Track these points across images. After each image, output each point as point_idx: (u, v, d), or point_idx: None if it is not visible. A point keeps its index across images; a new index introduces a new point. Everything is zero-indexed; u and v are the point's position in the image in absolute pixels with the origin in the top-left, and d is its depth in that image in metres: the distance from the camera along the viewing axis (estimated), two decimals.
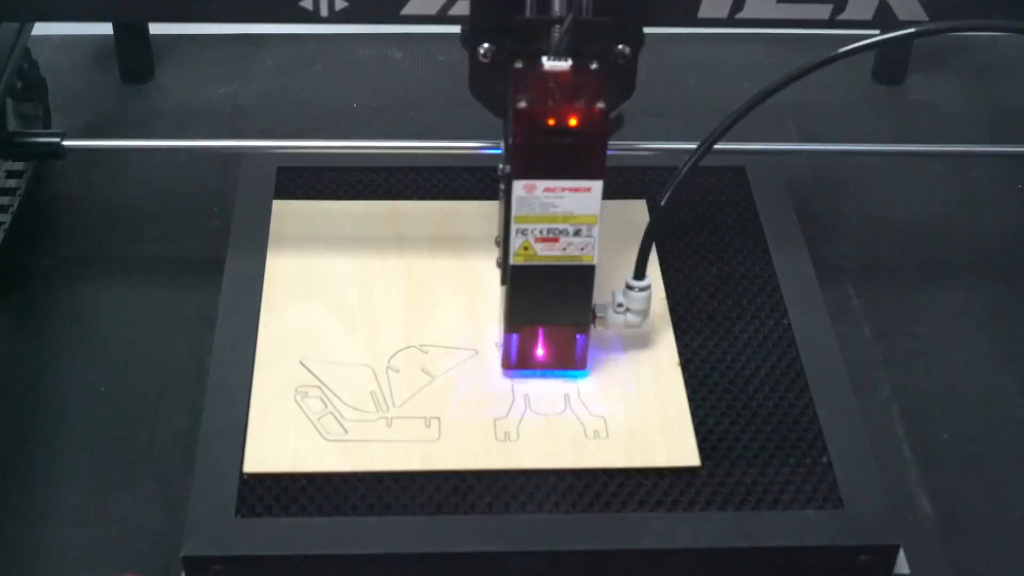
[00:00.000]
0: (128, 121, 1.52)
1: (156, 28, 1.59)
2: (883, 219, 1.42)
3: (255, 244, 1.19)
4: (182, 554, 0.95)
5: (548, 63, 0.97)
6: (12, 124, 1.38)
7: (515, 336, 1.05)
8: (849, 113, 1.57)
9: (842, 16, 1.11)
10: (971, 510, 1.13)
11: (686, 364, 1.10)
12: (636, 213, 1.24)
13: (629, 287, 1.06)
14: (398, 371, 1.08)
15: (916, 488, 1.14)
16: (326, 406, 1.05)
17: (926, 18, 1.11)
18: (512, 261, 1.01)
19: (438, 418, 1.04)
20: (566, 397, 1.06)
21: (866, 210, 1.43)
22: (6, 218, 1.32)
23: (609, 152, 0.98)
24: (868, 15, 1.12)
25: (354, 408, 1.05)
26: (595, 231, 1.00)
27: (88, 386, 1.20)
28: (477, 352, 1.10)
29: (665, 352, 1.10)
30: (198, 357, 1.21)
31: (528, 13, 1.00)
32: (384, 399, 1.06)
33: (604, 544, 0.97)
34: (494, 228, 1.21)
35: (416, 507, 0.98)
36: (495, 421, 1.04)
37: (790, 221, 1.24)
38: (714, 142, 1.02)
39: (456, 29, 1.04)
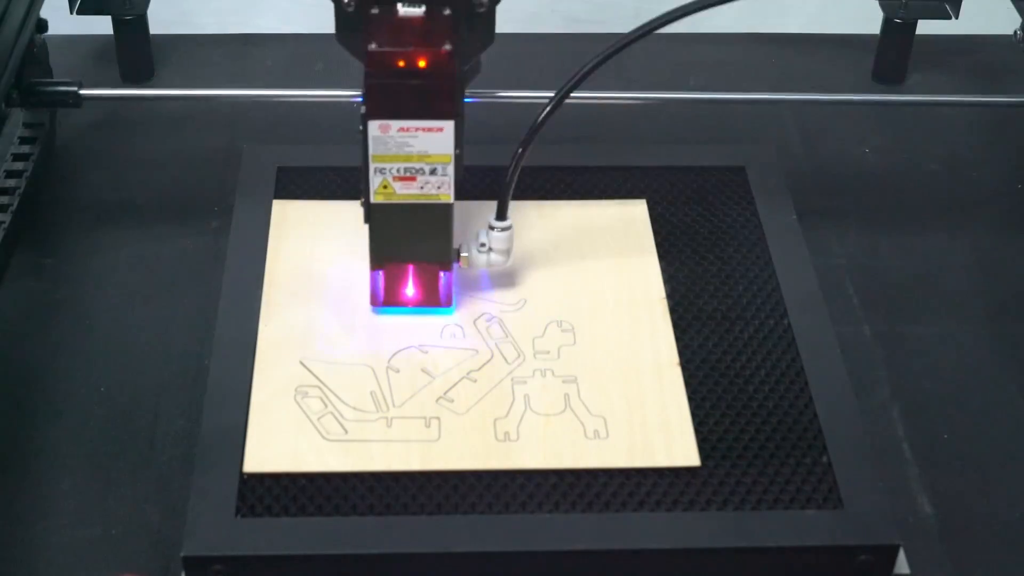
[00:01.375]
0: (128, 120, 1.52)
1: (156, 28, 1.59)
2: (883, 218, 1.42)
3: (255, 244, 1.19)
4: (182, 554, 0.95)
5: (402, 9, 1.01)
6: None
7: (380, 274, 1.11)
8: (849, 113, 1.57)
9: None
10: (971, 510, 1.13)
11: (686, 364, 1.10)
12: (636, 213, 1.24)
13: (491, 227, 1.11)
14: (398, 371, 1.08)
15: (916, 488, 1.14)
16: (326, 406, 1.05)
17: None
18: (372, 199, 1.06)
19: (438, 418, 1.04)
20: (566, 397, 1.07)
21: (866, 210, 1.43)
22: (6, 217, 1.32)
23: (469, 100, 1.04)
24: None
25: (354, 408, 1.05)
26: (450, 170, 1.05)
27: (88, 386, 1.19)
28: (477, 352, 1.10)
29: (665, 352, 1.11)
30: (198, 357, 1.21)
31: None
32: (384, 399, 1.06)
33: (604, 543, 0.97)
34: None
35: (416, 507, 0.98)
36: (495, 421, 1.05)
37: (790, 221, 1.24)
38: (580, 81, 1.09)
39: None
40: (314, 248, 1.19)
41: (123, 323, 1.26)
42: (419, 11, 1.02)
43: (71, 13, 1.51)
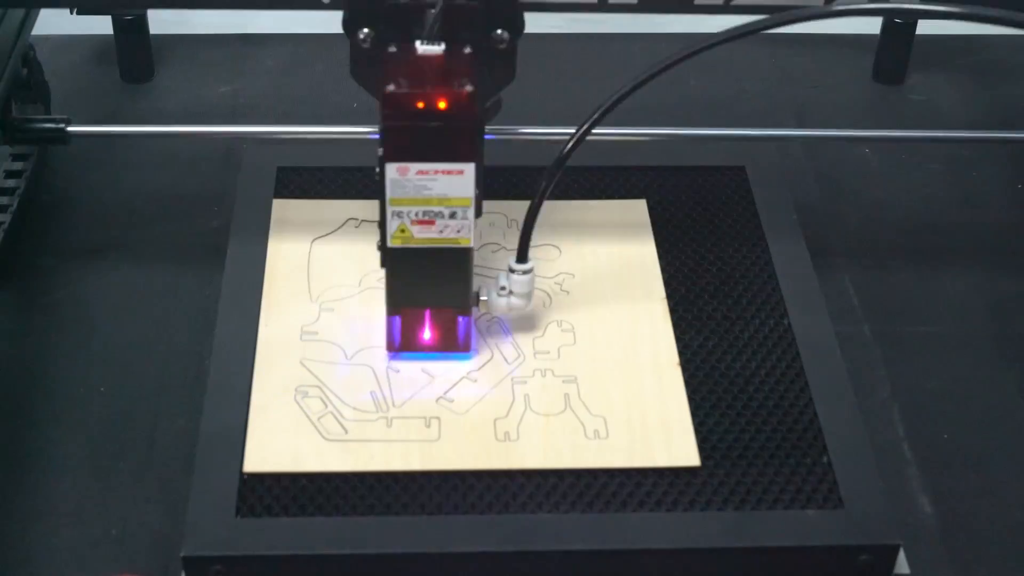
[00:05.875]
0: (128, 120, 1.52)
1: (156, 28, 1.59)
2: (883, 218, 1.42)
3: (255, 244, 1.19)
4: (182, 554, 0.95)
5: (421, 47, 0.98)
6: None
7: (397, 319, 1.07)
8: (849, 113, 1.57)
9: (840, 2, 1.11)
10: (971, 510, 1.13)
11: (686, 364, 1.10)
12: (636, 213, 1.24)
13: (512, 270, 1.07)
14: (398, 371, 1.08)
15: (916, 488, 1.14)
16: (326, 406, 1.05)
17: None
18: (389, 243, 1.03)
19: (438, 418, 1.04)
20: (566, 397, 1.06)
21: (866, 210, 1.43)
22: (6, 217, 1.32)
23: (489, 137, 1.01)
24: None
25: (354, 408, 1.05)
26: (470, 214, 1.02)
27: (88, 386, 1.20)
28: (477, 352, 1.10)
29: (665, 352, 1.11)
30: (198, 357, 1.21)
31: None
32: (384, 399, 1.06)
33: (604, 544, 0.97)
34: (494, 228, 1.21)
35: (416, 507, 0.98)
36: (495, 421, 1.05)
37: (790, 221, 1.24)
38: (596, 123, 1.01)
39: None
40: (314, 248, 1.19)
41: (123, 323, 1.26)
42: (438, 49, 0.98)
43: (71, 13, 1.51)
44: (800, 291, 1.16)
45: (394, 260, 1.04)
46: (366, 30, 1.01)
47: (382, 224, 1.02)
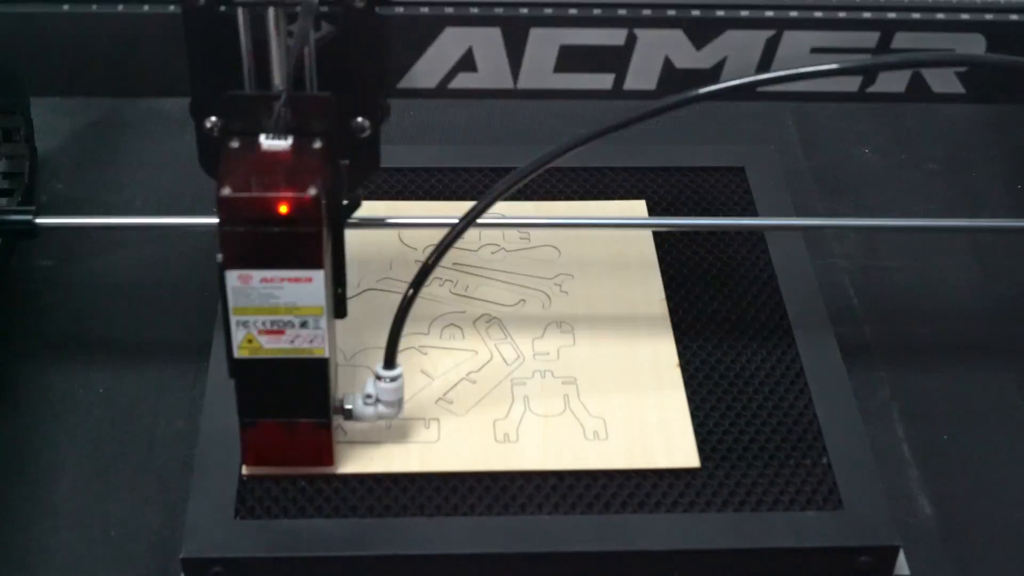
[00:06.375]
0: (128, 121, 1.52)
1: None
2: (882, 218, 1.42)
3: None
4: (181, 556, 0.95)
5: (265, 142, 0.89)
6: None
7: (250, 432, 0.98)
8: (849, 113, 1.57)
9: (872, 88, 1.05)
10: (971, 510, 1.13)
11: (686, 364, 1.10)
12: (636, 213, 1.24)
13: (378, 377, 0.98)
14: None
15: (916, 488, 1.14)
16: None
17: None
18: (236, 354, 0.94)
19: (437, 419, 1.04)
20: (566, 398, 1.06)
21: (866, 210, 1.43)
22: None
23: (354, 227, 0.93)
24: (901, 88, 1.04)
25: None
26: (323, 323, 0.93)
27: (88, 386, 1.19)
28: (476, 353, 1.10)
29: (665, 352, 1.10)
30: (198, 357, 1.21)
31: (247, 87, 0.91)
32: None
33: (604, 545, 0.97)
34: (495, 228, 1.21)
35: (415, 509, 0.98)
36: (495, 422, 1.05)
37: None
38: (478, 214, 0.96)
39: None
40: None
41: (123, 323, 1.26)
42: (284, 145, 0.89)
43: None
44: (799, 291, 1.16)
45: (242, 372, 0.95)
46: (214, 118, 0.91)
47: (227, 334, 0.93)
